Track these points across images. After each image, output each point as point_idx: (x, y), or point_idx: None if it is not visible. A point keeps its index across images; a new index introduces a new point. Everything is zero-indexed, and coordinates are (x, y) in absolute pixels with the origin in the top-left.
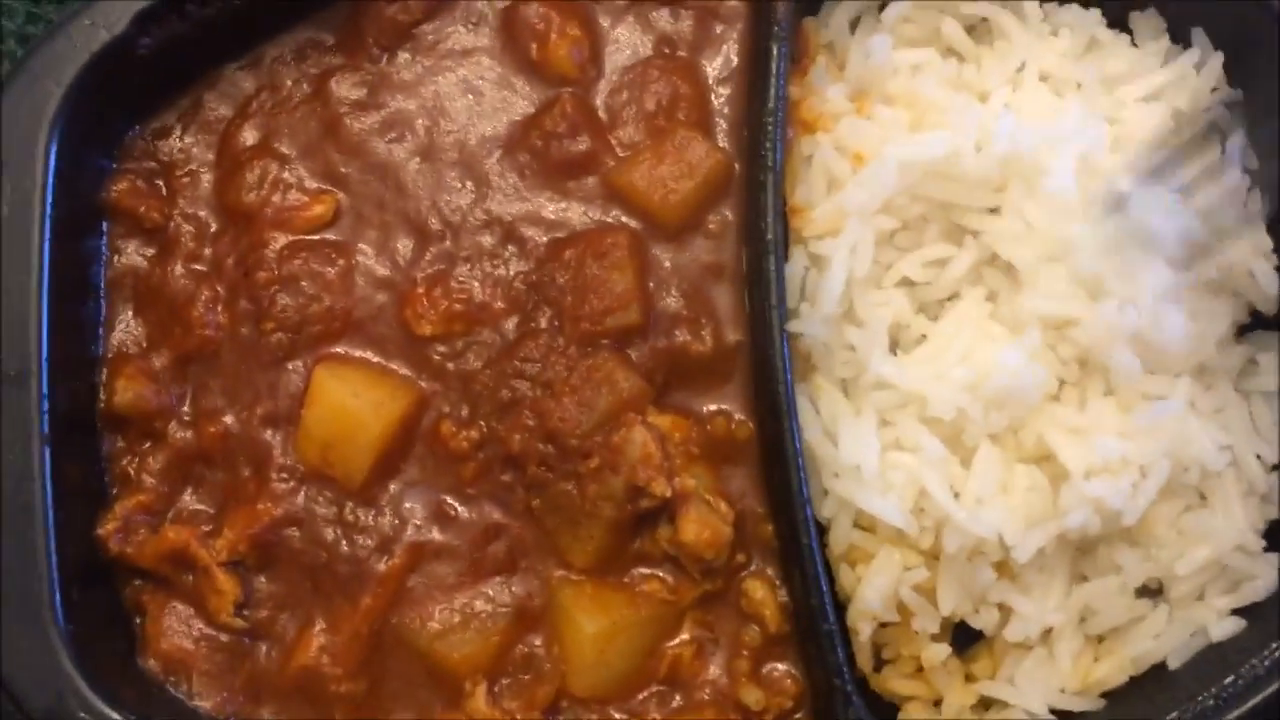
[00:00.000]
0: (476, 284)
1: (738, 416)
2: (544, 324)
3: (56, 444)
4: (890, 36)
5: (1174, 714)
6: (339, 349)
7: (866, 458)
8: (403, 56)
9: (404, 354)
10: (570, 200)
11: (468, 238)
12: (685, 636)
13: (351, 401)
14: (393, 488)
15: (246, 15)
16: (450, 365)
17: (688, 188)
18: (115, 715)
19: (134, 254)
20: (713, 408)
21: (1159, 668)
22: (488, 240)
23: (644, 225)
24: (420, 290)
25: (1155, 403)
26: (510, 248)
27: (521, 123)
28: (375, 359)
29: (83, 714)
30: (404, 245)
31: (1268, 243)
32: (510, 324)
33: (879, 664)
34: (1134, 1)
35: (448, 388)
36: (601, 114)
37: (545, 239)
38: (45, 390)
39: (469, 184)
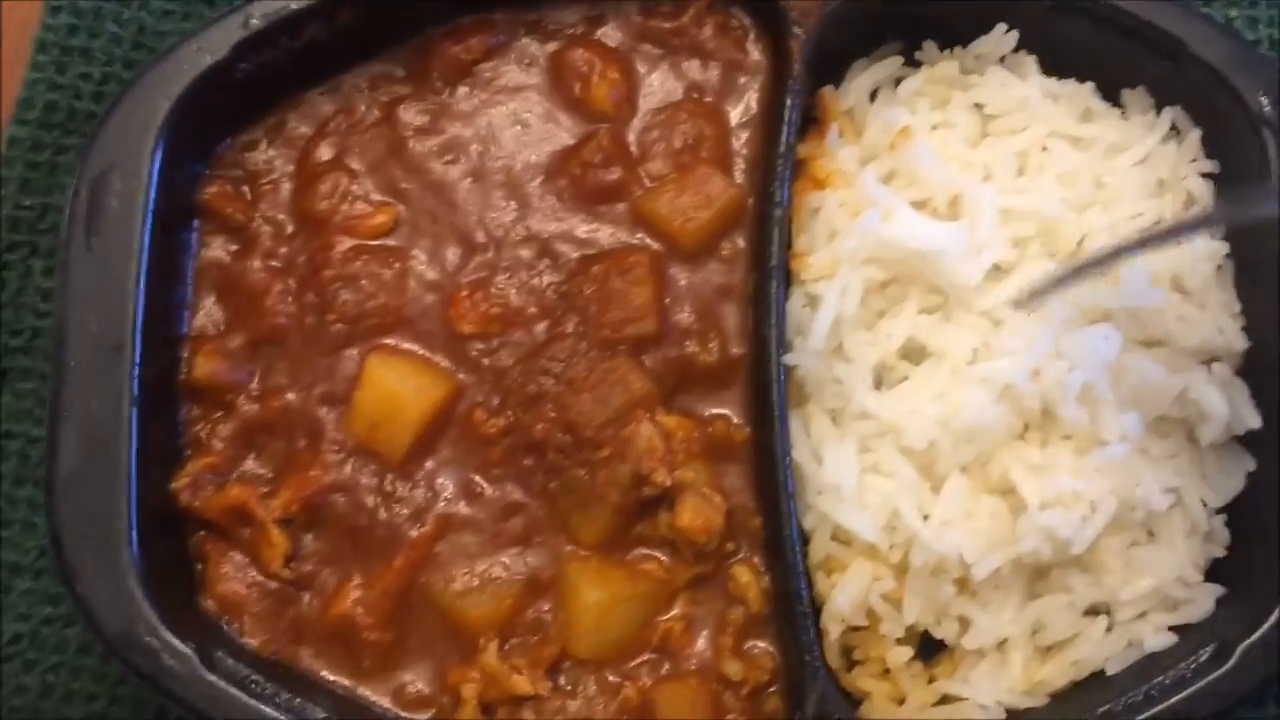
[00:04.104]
0: (513, 291)
1: (736, 421)
2: (570, 329)
3: (143, 407)
4: (906, 109)
5: (1105, 708)
6: (390, 341)
7: (847, 478)
8: (462, 90)
9: (446, 349)
10: (601, 223)
11: (508, 250)
12: (677, 612)
13: (398, 386)
14: (428, 465)
15: (330, 49)
16: (485, 361)
17: (705, 217)
18: (177, 643)
19: (219, 249)
20: (714, 411)
21: (1099, 673)
22: (525, 254)
23: (664, 248)
24: (464, 294)
25: (1106, 447)
26: (545, 261)
27: (562, 152)
28: (421, 351)
29: (149, 639)
30: (452, 254)
31: (1235, 304)
32: (540, 328)
33: (850, 665)
34: (1124, 80)
35: (482, 380)
36: (633, 148)
37: (576, 255)
38: (138, 360)
39: (512, 204)
